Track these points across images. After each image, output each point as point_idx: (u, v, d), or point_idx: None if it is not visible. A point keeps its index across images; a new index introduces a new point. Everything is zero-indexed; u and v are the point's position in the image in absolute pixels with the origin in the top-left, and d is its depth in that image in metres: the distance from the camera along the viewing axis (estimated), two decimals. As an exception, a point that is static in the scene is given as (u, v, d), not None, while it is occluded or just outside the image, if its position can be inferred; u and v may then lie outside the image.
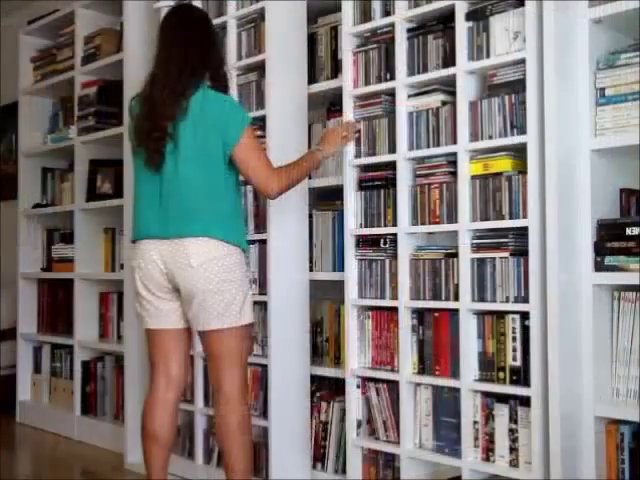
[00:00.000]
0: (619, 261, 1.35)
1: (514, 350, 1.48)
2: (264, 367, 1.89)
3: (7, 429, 2.82)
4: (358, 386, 1.75)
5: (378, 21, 1.73)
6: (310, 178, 1.93)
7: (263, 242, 1.89)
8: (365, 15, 1.77)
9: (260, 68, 1.92)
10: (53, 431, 2.71)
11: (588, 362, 1.38)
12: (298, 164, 1.68)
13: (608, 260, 1.37)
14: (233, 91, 1.97)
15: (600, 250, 1.38)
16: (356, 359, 1.76)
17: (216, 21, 2.01)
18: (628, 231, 1.34)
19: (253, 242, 1.91)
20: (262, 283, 1.89)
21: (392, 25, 1.69)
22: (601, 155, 1.42)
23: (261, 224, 1.91)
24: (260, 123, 1.90)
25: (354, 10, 1.79)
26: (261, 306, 1.90)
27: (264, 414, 1.89)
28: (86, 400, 2.60)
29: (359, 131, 1.77)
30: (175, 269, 1.54)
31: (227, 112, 1.57)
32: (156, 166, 1.55)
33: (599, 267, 1.38)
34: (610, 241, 1.36)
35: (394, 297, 1.68)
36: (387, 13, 1.73)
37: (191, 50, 1.58)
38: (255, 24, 1.94)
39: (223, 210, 1.58)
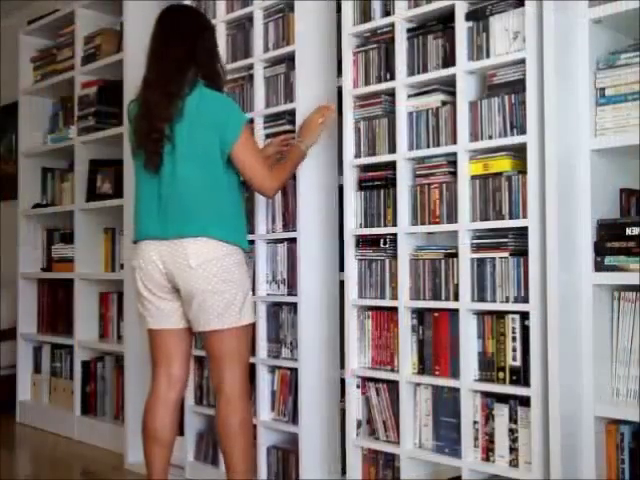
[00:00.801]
0: (619, 261, 1.35)
1: (514, 350, 1.48)
2: (293, 371, 1.85)
3: (7, 429, 2.82)
4: (358, 386, 1.75)
5: (378, 21, 1.73)
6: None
7: (291, 241, 1.86)
8: (365, 15, 1.77)
9: (288, 60, 1.88)
10: (53, 431, 2.71)
11: (588, 362, 1.38)
12: (289, 161, 1.71)
13: (608, 260, 1.37)
14: (259, 84, 1.94)
15: (600, 250, 1.38)
16: (356, 359, 1.76)
17: (241, 12, 1.99)
18: (628, 231, 1.34)
19: (281, 241, 1.89)
20: (290, 283, 1.85)
21: (392, 25, 1.69)
22: (601, 155, 1.42)
23: (290, 222, 1.87)
24: (289, 117, 1.87)
25: (354, 10, 1.79)
26: (290, 307, 1.86)
27: (293, 420, 1.84)
28: (86, 400, 2.61)
29: (332, 110, 1.78)
30: (174, 270, 1.54)
31: (224, 111, 1.58)
32: (155, 167, 1.56)
33: (599, 267, 1.38)
34: (610, 241, 1.36)
35: (394, 297, 1.68)
36: (387, 13, 1.73)
37: (174, 49, 1.58)
38: (283, 14, 1.91)
39: (223, 209, 1.58)
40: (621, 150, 1.39)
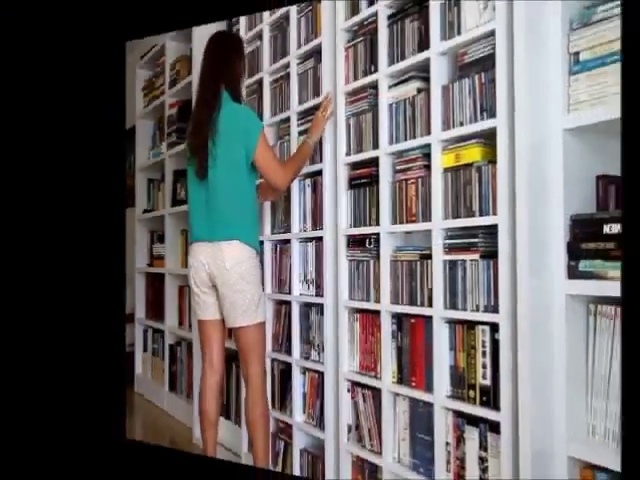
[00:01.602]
0: (595, 266, 1.01)
1: (484, 367, 1.21)
2: (320, 374, 1.70)
3: (127, 398, 3.29)
4: (348, 390, 1.60)
5: (364, 12, 1.54)
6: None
7: (318, 239, 1.72)
8: (354, 10, 1.58)
9: (316, 53, 1.75)
10: (158, 404, 2.93)
11: (560, 391, 1.03)
12: (297, 156, 1.67)
13: (583, 265, 1.03)
14: (294, 81, 1.83)
15: (574, 252, 1.03)
16: (346, 362, 1.58)
17: (282, 10, 1.88)
18: (606, 229, 0.99)
19: (309, 240, 1.76)
20: (318, 283, 1.71)
21: (376, 14, 1.52)
22: (574, 134, 1.06)
23: (318, 221, 1.75)
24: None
25: (345, 6, 1.61)
26: (318, 308, 1.71)
27: (320, 425, 1.69)
28: (173, 378, 2.89)
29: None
30: (214, 270, 1.60)
31: (246, 121, 1.61)
32: (202, 176, 1.64)
33: (573, 273, 1.03)
34: (585, 241, 1.02)
35: (377, 300, 1.47)
36: (372, 3, 1.55)
37: (215, 72, 1.65)
38: (311, 6, 1.77)
39: (249, 214, 1.64)
40: (599, 127, 1.03)
